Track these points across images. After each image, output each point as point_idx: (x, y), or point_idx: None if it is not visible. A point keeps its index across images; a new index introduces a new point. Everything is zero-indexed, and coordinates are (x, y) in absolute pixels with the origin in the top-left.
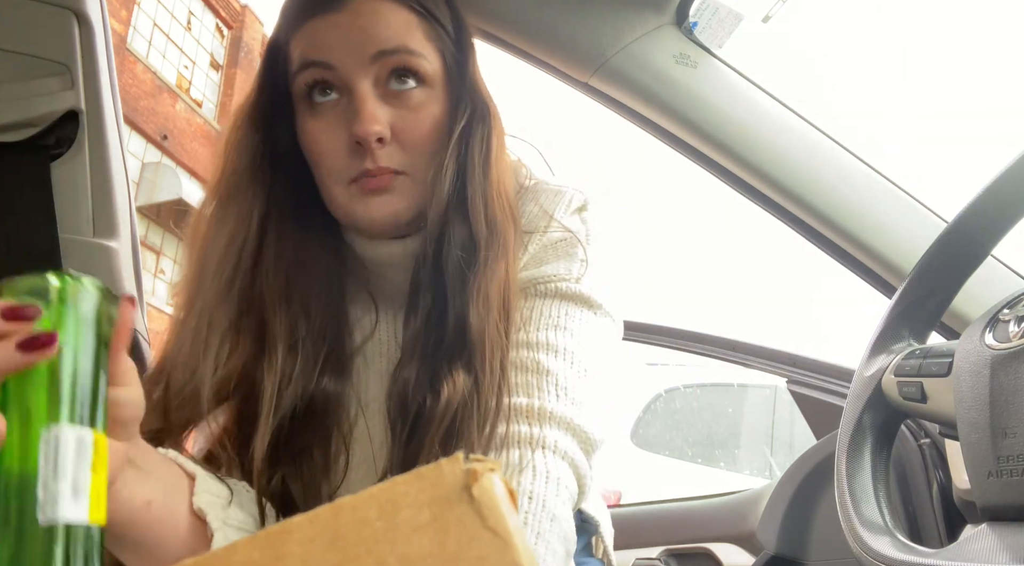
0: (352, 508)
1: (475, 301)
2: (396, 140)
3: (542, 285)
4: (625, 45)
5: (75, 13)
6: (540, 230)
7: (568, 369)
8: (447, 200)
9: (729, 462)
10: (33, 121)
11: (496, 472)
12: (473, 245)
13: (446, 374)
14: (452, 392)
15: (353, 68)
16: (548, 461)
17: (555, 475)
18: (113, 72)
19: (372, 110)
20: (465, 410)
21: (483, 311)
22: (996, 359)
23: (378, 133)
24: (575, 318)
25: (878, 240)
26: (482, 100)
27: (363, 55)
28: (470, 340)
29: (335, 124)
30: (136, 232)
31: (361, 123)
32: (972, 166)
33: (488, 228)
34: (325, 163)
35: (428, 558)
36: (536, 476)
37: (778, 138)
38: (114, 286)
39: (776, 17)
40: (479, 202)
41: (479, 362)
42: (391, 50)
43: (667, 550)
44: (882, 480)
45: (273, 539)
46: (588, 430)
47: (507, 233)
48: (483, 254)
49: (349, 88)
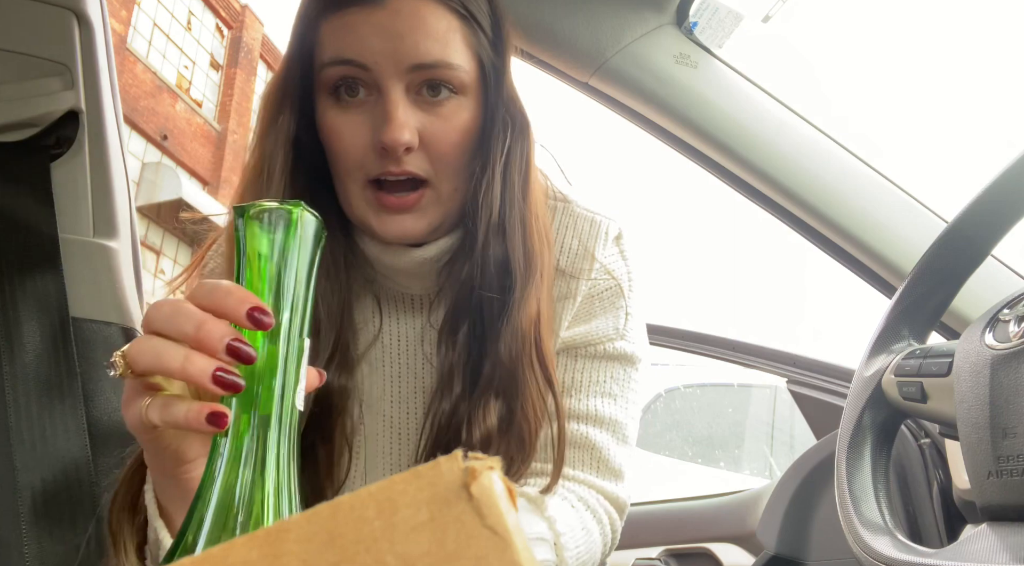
0: (350, 507)
1: (506, 335)
2: (424, 148)
3: (592, 346)
4: (625, 45)
5: (75, 13)
6: (584, 275)
7: (611, 442)
8: (491, 223)
9: (729, 462)
10: (33, 121)
11: (495, 470)
12: (508, 274)
13: (482, 409)
14: (489, 428)
15: (388, 74)
16: (589, 501)
17: (594, 510)
18: (113, 72)
19: (403, 118)
20: (500, 445)
21: (515, 345)
22: (996, 359)
23: (407, 142)
24: (620, 381)
25: (878, 240)
26: (519, 111)
27: (400, 63)
28: (504, 375)
29: (361, 122)
30: (136, 232)
31: (390, 130)
32: (972, 166)
33: (525, 256)
34: (345, 160)
35: (427, 557)
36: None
37: (778, 138)
38: (114, 286)
39: (776, 17)
40: (517, 227)
41: (513, 399)
42: (429, 64)
43: (667, 550)
44: (882, 480)
45: (271, 538)
46: (622, 497)
47: (543, 261)
48: (519, 284)
49: (380, 90)
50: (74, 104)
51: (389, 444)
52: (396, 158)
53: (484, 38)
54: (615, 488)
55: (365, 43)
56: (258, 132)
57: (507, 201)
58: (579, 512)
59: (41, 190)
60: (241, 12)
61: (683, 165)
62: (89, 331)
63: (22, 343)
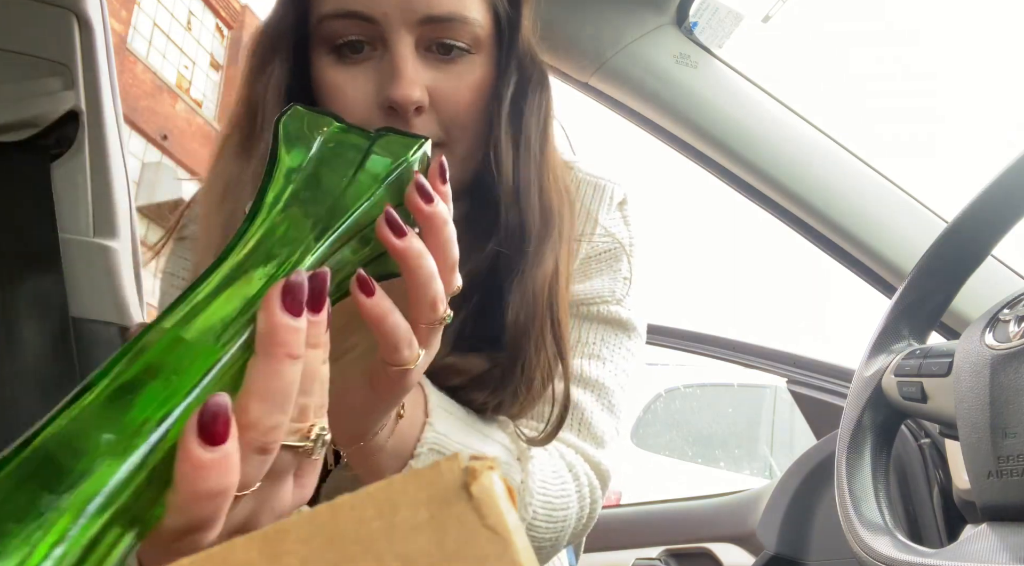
0: (350, 507)
1: (516, 297)
2: (434, 108)
3: (584, 307)
4: (625, 45)
5: (75, 13)
6: (585, 236)
7: (594, 405)
8: (505, 181)
9: (729, 462)
10: (33, 121)
11: (495, 470)
12: (523, 234)
13: (480, 357)
14: (483, 374)
15: (397, 26)
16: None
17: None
18: (113, 72)
19: (412, 73)
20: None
21: (527, 308)
22: (996, 359)
23: (418, 100)
24: (610, 345)
25: (878, 240)
26: (536, 63)
27: (411, 15)
28: (514, 338)
29: (364, 79)
30: (136, 232)
31: (399, 87)
32: (973, 166)
33: (542, 217)
34: (348, 120)
35: (427, 557)
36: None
37: (778, 138)
38: (114, 286)
39: (776, 17)
40: (534, 185)
41: (514, 360)
42: (443, 17)
43: (667, 550)
44: (882, 480)
45: (270, 538)
46: (605, 464)
47: (562, 221)
48: (532, 246)
49: (386, 44)
50: (74, 104)
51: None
52: (405, 119)
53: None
54: (595, 452)
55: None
56: (245, 80)
57: (520, 153)
58: (554, 459)
59: (41, 190)
60: (241, 12)
61: (683, 165)
62: (89, 331)
63: (22, 343)
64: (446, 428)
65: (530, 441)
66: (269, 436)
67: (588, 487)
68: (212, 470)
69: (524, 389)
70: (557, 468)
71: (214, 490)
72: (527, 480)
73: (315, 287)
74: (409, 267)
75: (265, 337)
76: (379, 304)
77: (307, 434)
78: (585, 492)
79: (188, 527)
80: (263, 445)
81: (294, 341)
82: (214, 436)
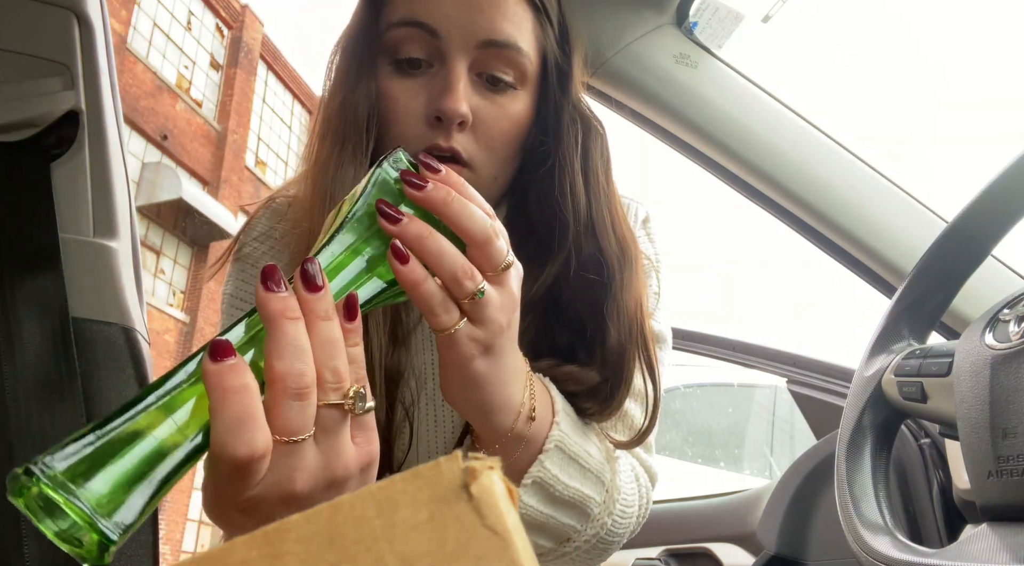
0: (350, 506)
1: (614, 321)
2: (474, 129)
3: None
4: (625, 45)
5: (75, 13)
6: None
7: (641, 413)
8: (577, 219)
9: (729, 462)
10: (33, 121)
11: (496, 470)
12: (602, 266)
13: (593, 370)
14: (598, 386)
15: (457, 45)
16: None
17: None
18: (113, 72)
19: (463, 90)
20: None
21: (624, 329)
22: (996, 359)
23: (464, 114)
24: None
25: (878, 240)
26: (589, 112)
27: (472, 36)
28: (615, 360)
29: (417, 91)
30: (136, 232)
31: (449, 99)
32: (973, 166)
33: (619, 245)
34: (396, 128)
35: (426, 557)
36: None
37: (778, 138)
38: (114, 286)
39: (776, 17)
40: (607, 221)
41: (619, 377)
42: (501, 43)
43: (667, 550)
44: (882, 480)
45: (270, 537)
46: (654, 468)
47: (637, 253)
48: (617, 271)
49: (443, 60)
50: (74, 104)
51: (434, 421)
52: (447, 131)
53: (551, 33)
54: (647, 457)
55: (441, 8)
56: (339, 87)
57: (591, 193)
58: (625, 461)
59: (41, 190)
60: (241, 12)
61: (683, 165)
62: (89, 331)
63: (22, 343)
64: (568, 428)
65: (617, 444)
66: (299, 382)
67: (644, 487)
68: (226, 372)
69: (619, 403)
70: (627, 470)
71: (234, 386)
72: (614, 479)
73: (307, 269)
74: (412, 248)
75: (261, 310)
76: (414, 270)
77: (346, 393)
78: (643, 492)
79: (234, 460)
80: (296, 391)
81: (282, 307)
82: (217, 353)
